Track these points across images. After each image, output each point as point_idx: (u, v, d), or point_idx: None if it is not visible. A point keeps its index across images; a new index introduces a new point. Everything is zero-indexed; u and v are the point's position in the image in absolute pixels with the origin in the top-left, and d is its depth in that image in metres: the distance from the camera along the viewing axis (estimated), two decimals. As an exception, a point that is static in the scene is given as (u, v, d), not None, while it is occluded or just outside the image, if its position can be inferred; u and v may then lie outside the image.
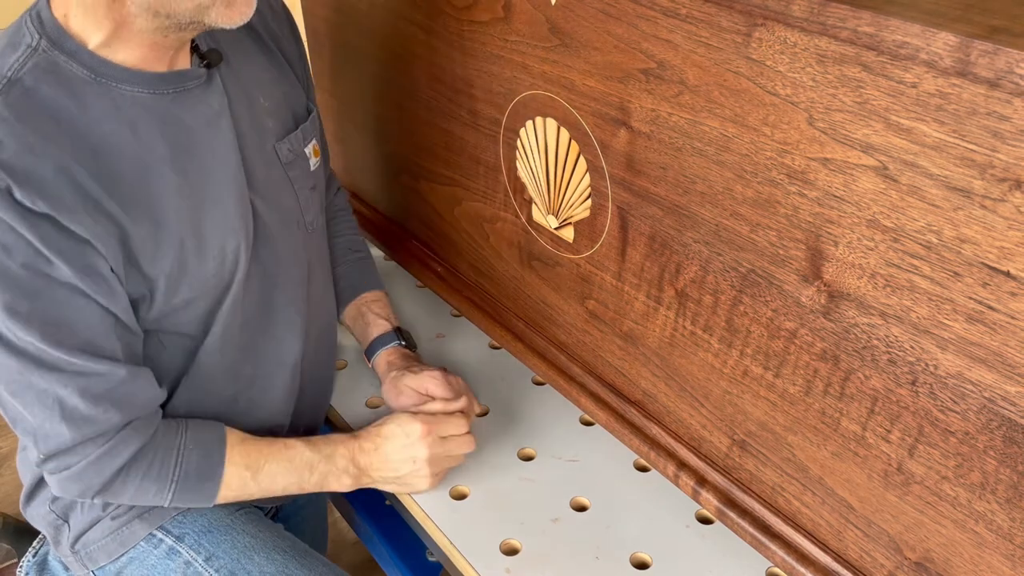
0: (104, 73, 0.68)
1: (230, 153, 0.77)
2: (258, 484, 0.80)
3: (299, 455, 0.82)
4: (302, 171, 0.88)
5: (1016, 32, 0.47)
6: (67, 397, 0.69)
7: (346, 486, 0.84)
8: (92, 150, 0.68)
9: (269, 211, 0.82)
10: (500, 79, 0.86)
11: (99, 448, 0.72)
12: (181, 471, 0.76)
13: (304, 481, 0.82)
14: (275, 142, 0.83)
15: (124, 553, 0.82)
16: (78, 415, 0.70)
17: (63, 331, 0.68)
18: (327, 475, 0.83)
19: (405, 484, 0.85)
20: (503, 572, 0.78)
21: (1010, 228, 0.49)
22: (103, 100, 0.69)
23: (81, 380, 0.70)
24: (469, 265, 1.07)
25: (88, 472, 0.73)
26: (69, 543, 0.83)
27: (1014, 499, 0.56)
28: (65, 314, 0.68)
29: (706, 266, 0.71)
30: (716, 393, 0.76)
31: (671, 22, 0.64)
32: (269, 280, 0.83)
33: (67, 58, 0.67)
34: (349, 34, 1.10)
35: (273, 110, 0.84)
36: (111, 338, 0.71)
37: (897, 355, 0.59)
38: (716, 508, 0.80)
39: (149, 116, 0.71)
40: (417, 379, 0.92)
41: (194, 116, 0.74)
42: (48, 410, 0.70)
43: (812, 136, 0.58)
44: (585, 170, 0.79)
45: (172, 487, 0.76)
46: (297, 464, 0.82)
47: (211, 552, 0.81)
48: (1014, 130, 0.47)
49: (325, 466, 0.82)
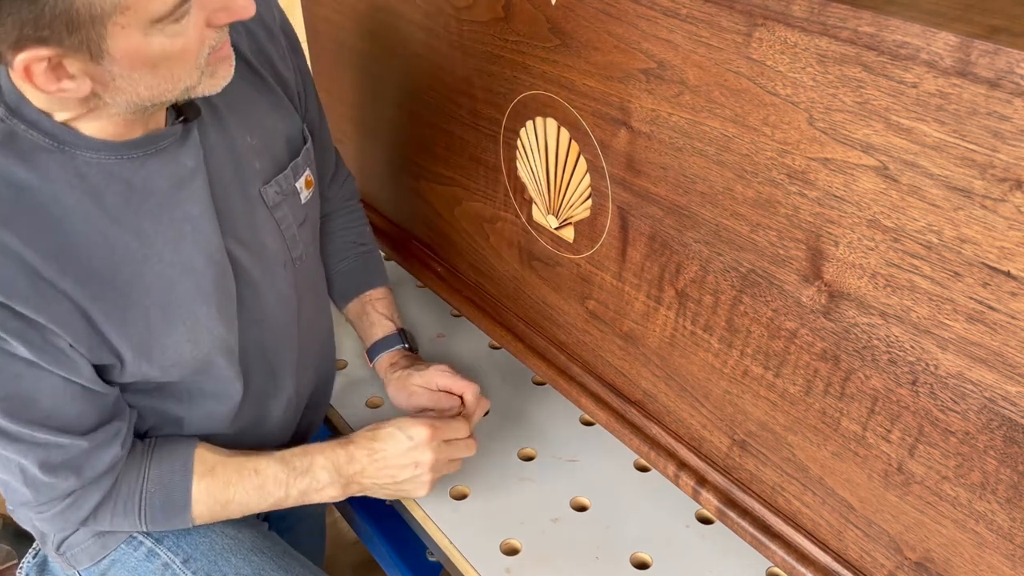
0: (68, 142, 0.64)
1: (205, 211, 0.73)
2: (231, 512, 0.80)
3: (270, 478, 0.79)
4: (291, 209, 0.83)
5: (1016, 32, 0.47)
6: (27, 466, 0.70)
7: (331, 497, 0.81)
8: (50, 226, 0.64)
9: (251, 258, 0.78)
10: (500, 79, 0.86)
11: (62, 504, 0.74)
12: (147, 513, 0.77)
13: (281, 501, 0.80)
14: (261, 186, 0.79)
15: (106, 556, 0.83)
16: (39, 482, 0.71)
17: (23, 405, 0.67)
18: (307, 492, 0.80)
19: (401, 490, 0.82)
20: (503, 572, 0.78)
21: (1010, 228, 0.49)
22: (65, 170, 0.65)
23: (40, 452, 0.70)
24: (469, 265, 1.07)
25: (57, 521, 0.75)
26: (54, 546, 0.83)
27: (1014, 499, 0.56)
28: (25, 388, 0.67)
29: (706, 266, 0.71)
30: (716, 393, 0.76)
31: (671, 22, 0.64)
32: (255, 327, 0.81)
33: (27, 127, 0.63)
34: (349, 34, 1.10)
35: (261, 148, 0.79)
36: (75, 405, 0.70)
37: (897, 355, 0.59)
38: (716, 508, 0.80)
39: (115, 185, 0.67)
40: (425, 376, 0.92)
41: (164, 178, 0.70)
42: (11, 473, 0.71)
43: (812, 136, 0.58)
44: (585, 170, 0.79)
45: (144, 523, 0.78)
46: (269, 488, 0.79)
47: (188, 554, 0.82)
48: (1014, 130, 0.47)
49: (302, 482, 0.80)
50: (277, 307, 0.83)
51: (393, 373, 0.96)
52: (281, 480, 0.79)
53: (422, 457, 0.80)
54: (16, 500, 0.75)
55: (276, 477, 0.79)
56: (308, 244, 0.88)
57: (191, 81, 0.63)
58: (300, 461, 0.80)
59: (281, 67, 0.85)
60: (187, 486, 0.77)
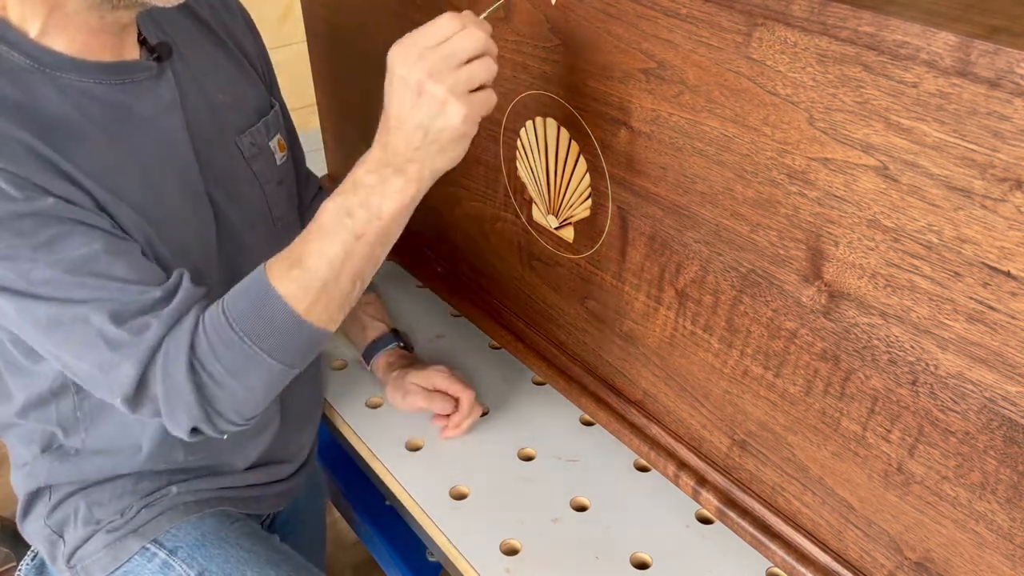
0: (46, 62, 0.67)
1: (180, 145, 0.75)
2: (312, 271, 0.67)
3: (327, 217, 0.68)
4: (267, 164, 0.86)
5: (1016, 32, 0.47)
6: (103, 325, 0.66)
7: (398, 190, 0.67)
8: (43, 127, 0.66)
9: (231, 205, 0.80)
10: (500, 79, 0.85)
11: (160, 362, 0.67)
12: (237, 322, 0.67)
13: (353, 230, 0.67)
14: (237, 136, 0.82)
15: (118, 567, 0.82)
16: (123, 341, 0.66)
17: (75, 259, 0.65)
18: (369, 204, 0.66)
19: (440, 135, 0.65)
20: (503, 572, 0.78)
21: (1010, 228, 0.49)
22: (48, 87, 0.67)
23: (110, 305, 0.66)
24: (469, 265, 1.07)
25: (169, 390, 0.67)
26: (65, 558, 0.83)
27: (1014, 499, 0.56)
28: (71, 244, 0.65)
29: (706, 266, 0.71)
30: (716, 393, 0.76)
31: (671, 22, 0.64)
32: (239, 277, 0.81)
33: (8, 48, 0.66)
34: (349, 34, 1.10)
35: (233, 105, 0.83)
36: (121, 259, 0.67)
37: (897, 355, 0.59)
38: (716, 508, 0.80)
39: (97, 103, 0.70)
40: (423, 375, 0.92)
41: (143, 105, 0.73)
42: (97, 347, 0.66)
43: (812, 136, 0.58)
44: (585, 170, 0.79)
45: (247, 341, 0.67)
46: (329, 223, 0.67)
47: (204, 567, 0.81)
48: (1014, 130, 0.47)
49: (360, 196, 0.66)
50: (261, 260, 0.82)
51: (391, 372, 0.96)
52: (338, 209, 0.67)
53: (412, 77, 0.64)
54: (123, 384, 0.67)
55: (331, 212, 0.67)
56: (287, 210, 0.90)
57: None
58: (346, 184, 0.68)
59: (243, 40, 0.89)
60: (262, 279, 0.68)
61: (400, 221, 0.69)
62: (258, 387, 0.69)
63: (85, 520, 0.82)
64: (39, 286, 0.65)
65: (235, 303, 0.68)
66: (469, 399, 0.91)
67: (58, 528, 0.84)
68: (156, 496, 0.84)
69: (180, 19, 0.82)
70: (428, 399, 0.92)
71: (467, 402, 0.91)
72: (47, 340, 0.68)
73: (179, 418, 0.69)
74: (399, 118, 0.65)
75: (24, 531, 0.87)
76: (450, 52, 0.64)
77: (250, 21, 0.92)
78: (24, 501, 0.86)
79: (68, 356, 0.68)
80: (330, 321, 0.69)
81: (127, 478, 0.84)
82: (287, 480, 0.96)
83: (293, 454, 0.96)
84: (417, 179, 0.67)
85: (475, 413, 0.92)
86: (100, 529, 0.82)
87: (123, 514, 0.83)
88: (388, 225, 0.68)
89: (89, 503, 0.83)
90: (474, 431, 0.93)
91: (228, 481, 0.89)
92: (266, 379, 0.69)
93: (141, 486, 0.84)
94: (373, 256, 0.69)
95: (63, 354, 0.68)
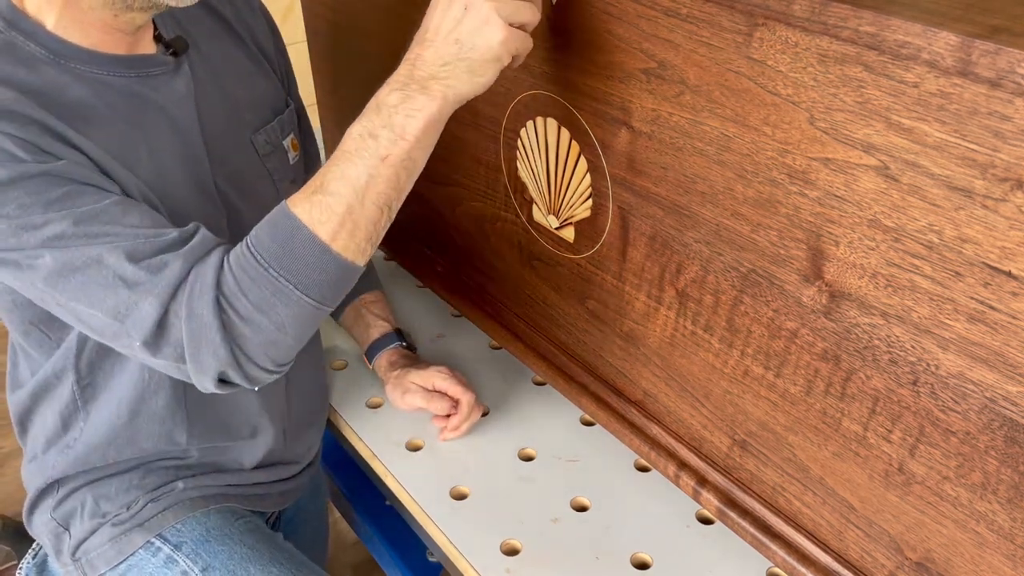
0: (62, 53, 0.68)
1: (192, 136, 0.76)
2: (336, 195, 0.64)
3: (350, 140, 0.65)
4: (280, 163, 0.87)
5: (1017, 32, 0.47)
6: (119, 266, 0.63)
7: (422, 113, 0.64)
8: (61, 109, 0.66)
9: (244, 201, 0.81)
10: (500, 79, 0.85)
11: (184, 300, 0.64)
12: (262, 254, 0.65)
13: (377, 151, 0.64)
14: (252, 134, 0.83)
15: (123, 561, 0.82)
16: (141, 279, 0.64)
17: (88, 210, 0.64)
18: (392, 124, 0.64)
19: (475, 50, 0.64)
20: (503, 572, 0.78)
21: (1011, 228, 0.49)
22: (65, 76, 0.68)
23: (127, 246, 0.64)
24: (469, 265, 1.07)
25: (193, 330, 0.64)
26: (70, 551, 0.83)
27: (1015, 499, 0.56)
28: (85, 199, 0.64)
29: (707, 266, 0.71)
30: (717, 393, 0.76)
31: (672, 22, 0.64)
32: None
33: (24, 38, 0.67)
34: (349, 34, 1.10)
35: (249, 102, 0.83)
36: (134, 210, 0.66)
37: (898, 355, 0.59)
38: (717, 508, 0.80)
39: (111, 91, 0.70)
40: (423, 375, 0.92)
41: (158, 95, 0.73)
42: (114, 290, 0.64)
43: (813, 136, 0.58)
44: (586, 170, 0.79)
45: (273, 273, 0.64)
46: (351, 145, 0.65)
47: (208, 562, 0.81)
48: (1015, 130, 0.47)
49: (383, 119, 0.65)
50: None
51: (392, 371, 0.96)
52: (361, 131, 0.65)
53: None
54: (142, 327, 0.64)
55: (354, 133, 0.66)
56: None
57: None
58: (369, 105, 0.67)
59: (262, 38, 0.89)
60: (284, 208, 0.66)
61: (426, 143, 0.66)
62: (287, 324, 0.65)
63: (91, 513, 0.83)
64: (53, 240, 0.63)
65: (259, 237, 0.65)
66: (469, 401, 0.91)
67: (64, 521, 0.84)
68: (162, 491, 0.85)
69: (200, 15, 0.82)
70: (427, 399, 0.92)
71: (466, 405, 0.91)
72: (60, 293, 0.64)
73: (205, 361, 0.65)
74: (437, 29, 0.65)
75: (29, 525, 0.87)
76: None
77: (271, 20, 0.92)
78: (33, 496, 0.86)
79: (82, 306, 0.65)
80: (358, 252, 0.66)
81: (134, 472, 0.84)
82: (292, 479, 0.97)
83: (300, 455, 0.96)
84: (441, 97, 0.65)
85: (474, 416, 0.92)
86: (106, 523, 0.83)
87: (129, 508, 0.83)
88: (413, 147, 0.65)
89: (96, 496, 0.84)
90: (474, 431, 0.93)
91: (234, 479, 0.89)
92: (296, 315, 0.65)
93: (148, 480, 0.85)
94: (399, 182, 0.66)
95: (78, 304, 0.65)
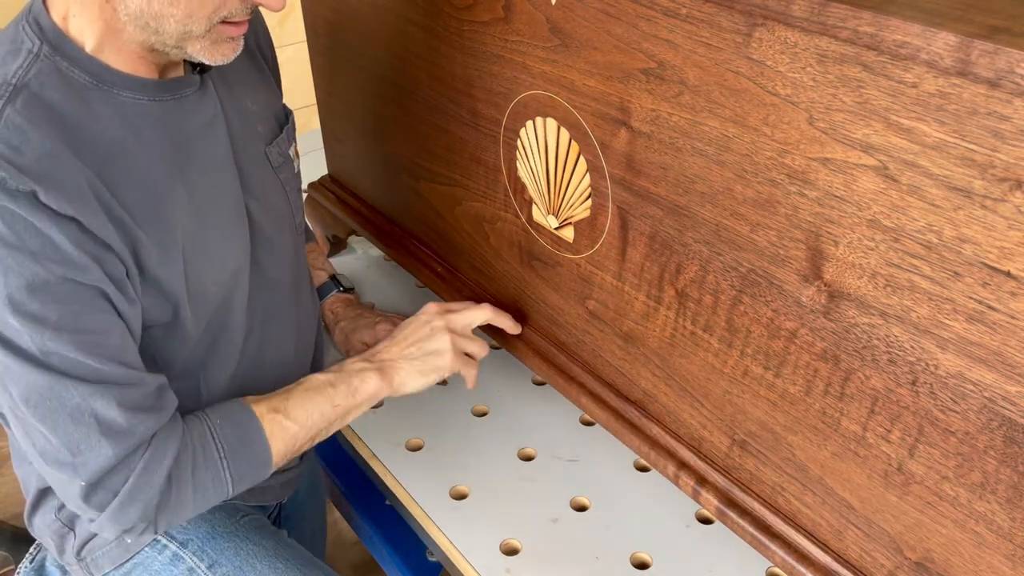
0: (105, 79, 0.68)
1: (226, 159, 0.77)
2: (296, 422, 0.78)
3: (313, 380, 0.82)
4: (290, 173, 0.88)
5: (1016, 32, 0.47)
6: (103, 410, 0.66)
7: (374, 383, 0.83)
8: (101, 157, 0.67)
9: (264, 215, 0.82)
10: (500, 79, 0.86)
11: (142, 457, 0.69)
12: (224, 446, 0.73)
13: (333, 398, 0.80)
14: (265, 146, 0.84)
15: (129, 559, 0.82)
16: (117, 428, 0.67)
17: (96, 339, 0.65)
18: (350, 383, 0.82)
19: (428, 361, 0.86)
20: (503, 572, 0.78)
21: (1010, 228, 0.49)
22: (107, 107, 0.68)
23: (116, 391, 0.67)
24: (469, 265, 1.07)
25: (139, 487, 0.69)
26: (75, 550, 0.83)
27: (1014, 499, 0.56)
28: (96, 321, 0.66)
29: (706, 266, 0.71)
30: (716, 393, 0.76)
31: (671, 22, 0.64)
32: (271, 286, 0.83)
33: (69, 64, 0.67)
34: (349, 34, 1.10)
35: (260, 114, 0.84)
36: (132, 347, 0.69)
37: (897, 355, 0.59)
38: (716, 508, 0.80)
39: (151, 123, 0.71)
40: (371, 334, 0.97)
41: (191, 123, 0.74)
42: (85, 427, 0.66)
43: (812, 136, 0.58)
44: (585, 170, 0.79)
45: (225, 465, 0.73)
46: (315, 385, 0.81)
47: (214, 559, 0.81)
48: (1014, 130, 0.47)
49: (344, 377, 0.82)
50: (287, 268, 0.86)
51: (337, 324, 0.99)
52: (322, 380, 0.82)
53: (435, 322, 0.88)
54: (91, 470, 0.67)
55: (317, 379, 0.82)
56: (303, 217, 0.93)
57: (195, 28, 0.66)
58: (333, 365, 0.85)
59: (266, 50, 0.91)
60: (246, 408, 0.76)
61: (365, 406, 0.84)
62: (204, 504, 0.74)
63: None
64: (48, 356, 0.64)
65: (223, 429, 0.74)
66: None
67: (68, 520, 0.84)
68: None
69: None
70: None
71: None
72: (32, 410, 0.66)
73: (129, 515, 0.69)
74: (405, 337, 0.87)
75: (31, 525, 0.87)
76: (467, 322, 0.90)
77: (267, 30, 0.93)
78: (34, 496, 0.86)
79: (44, 427, 0.66)
80: (280, 463, 0.78)
81: None
82: (292, 469, 0.98)
83: None
84: (389, 379, 0.84)
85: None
86: None
87: None
88: (357, 405, 0.82)
89: None
90: (474, 431, 0.94)
91: None
92: (212, 503, 0.75)
93: None
94: (331, 427, 0.82)
95: (41, 424, 0.66)
